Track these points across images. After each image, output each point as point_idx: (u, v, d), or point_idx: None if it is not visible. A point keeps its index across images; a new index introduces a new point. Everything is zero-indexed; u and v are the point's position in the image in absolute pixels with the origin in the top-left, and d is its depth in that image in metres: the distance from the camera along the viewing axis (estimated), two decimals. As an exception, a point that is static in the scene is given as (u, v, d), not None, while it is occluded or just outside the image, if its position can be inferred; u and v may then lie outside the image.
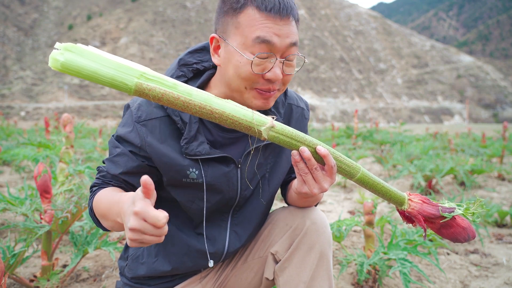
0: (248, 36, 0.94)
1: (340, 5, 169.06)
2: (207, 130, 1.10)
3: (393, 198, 0.95)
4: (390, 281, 1.95)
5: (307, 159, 0.89)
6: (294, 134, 0.89)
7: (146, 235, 0.73)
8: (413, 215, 0.94)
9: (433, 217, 0.92)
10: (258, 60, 0.95)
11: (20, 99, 78.62)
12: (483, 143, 7.84)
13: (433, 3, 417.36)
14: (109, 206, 0.93)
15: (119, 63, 0.77)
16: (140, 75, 0.78)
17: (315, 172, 0.91)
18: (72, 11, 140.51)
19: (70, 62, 0.73)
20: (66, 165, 2.46)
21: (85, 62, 0.74)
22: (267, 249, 1.20)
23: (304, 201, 1.15)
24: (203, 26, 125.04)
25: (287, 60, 0.99)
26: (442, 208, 0.92)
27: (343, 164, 0.92)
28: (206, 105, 0.81)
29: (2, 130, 9.53)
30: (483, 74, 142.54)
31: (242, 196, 1.14)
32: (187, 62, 1.11)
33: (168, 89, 0.79)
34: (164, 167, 1.05)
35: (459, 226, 0.92)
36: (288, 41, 0.96)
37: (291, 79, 1.04)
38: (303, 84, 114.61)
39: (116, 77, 0.76)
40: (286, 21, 0.96)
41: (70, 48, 0.74)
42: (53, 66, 0.74)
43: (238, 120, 0.84)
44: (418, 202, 0.94)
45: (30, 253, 2.06)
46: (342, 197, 4.23)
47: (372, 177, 0.94)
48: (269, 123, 0.86)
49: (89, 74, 0.75)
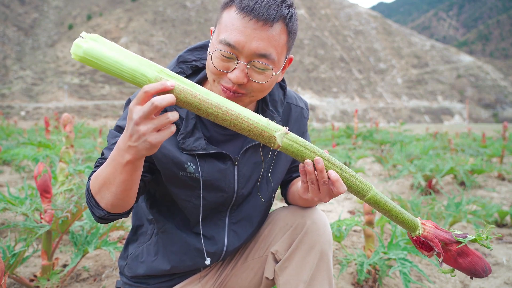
0: (219, 34, 0.96)
1: (340, 5, 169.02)
2: (204, 126, 1.10)
3: (406, 222, 0.92)
4: (390, 281, 1.95)
5: (319, 171, 0.89)
6: (307, 144, 0.88)
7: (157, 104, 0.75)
8: (429, 239, 0.90)
9: (448, 242, 0.89)
10: (219, 56, 0.95)
11: (20, 99, 78.60)
12: (483, 143, 7.84)
13: (433, 3, 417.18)
14: (106, 166, 0.90)
15: (141, 58, 0.80)
16: (161, 70, 0.81)
17: (322, 185, 0.91)
18: (72, 11, 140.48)
19: (93, 50, 0.75)
20: (66, 165, 2.46)
21: (109, 52, 0.76)
22: (267, 248, 1.20)
23: (305, 201, 1.16)
24: (203, 26, 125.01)
25: (255, 67, 0.96)
26: (455, 234, 0.89)
27: (353, 185, 0.90)
28: (223, 106, 0.81)
29: (2, 130, 9.52)
30: (483, 74, 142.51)
31: (240, 194, 1.14)
32: (186, 59, 1.12)
33: (187, 87, 0.80)
34: (163, 158, 1.04)
35: (475, 255, 0.88)
36: (253, 47, 0.92)
37: (263, 89, 1.00)
38: (303, 84, 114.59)
39: (138, 68, 0.78)
40: (261, 26, 0.92)
41: (95, 38, 0.77)
42: (74, 53, 0.75)
43: (253, 123, 0.83)
44: (432, 227, 0.91)
45: (30, 252, 2.06)
46: (342, 196, 4.23)
47: (384, 199, 0.91)
48: (284, 129, 0.86)
49: (110, 64, 0.76)
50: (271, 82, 1.00)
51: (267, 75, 0.97)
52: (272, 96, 1.16)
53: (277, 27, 0.94)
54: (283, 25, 0.95)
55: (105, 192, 0.92)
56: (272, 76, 0.98)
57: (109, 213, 0.96)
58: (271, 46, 0.94)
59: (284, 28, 0.96)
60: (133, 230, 1.27)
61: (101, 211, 0.95)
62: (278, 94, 1.18)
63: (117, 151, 0.86)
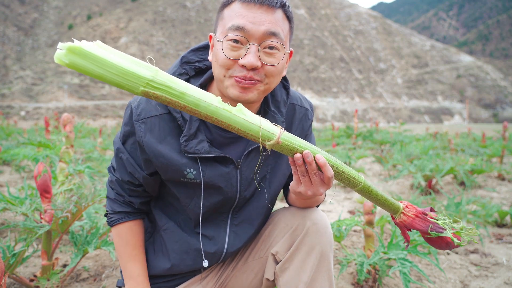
0: (225, 25, 0.98)
1: (340, 5, 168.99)
2: (207, 129, 1.10)
3: (390, 207, 0.97)
4: (390, 281, 1.95)
5: (309, 164, 0.89)
6: (299, 144, 0.89)
7: None
8: (400, 226, 0.98)
9: (421, 232, 0.96)
10: (230, 44, 0.96)
11: (20, 99, 78.58)
12: (483, 143, 7.83)
13: (433, 3, 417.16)
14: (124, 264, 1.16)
15: (124, 69, 0.74)
16: (146, 84, 0.76)
17: (313, 176, 0.92)
18: (72, 11, 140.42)
19: (74, 65, 0.73)
20: (66, 165, 2.45)
21: (90, 66, 0.73)
22: (268, 249, 1.20)
23: (303, 202, 1.15)
24: (203, 26, 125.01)
25: (266, 49, 0.98)
26: (433, 226, 0.94)
27: (345, 174, 0.92)
28: (212, 117, 0.81)
29: (2, 130, 9.52)
30: (483, 74, 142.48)
31: (242, 197, 1.14)
32: (190, 60, 1.12)
33: (174, 99, 0.78)
34: (162, 166, 1.05)
35: (442, 241, 0.95)
36: (263, 28, 0.96)
37: (277, 72, 1.01)
38: (303, 84, 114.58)
39: (122, 84, 0.75)
40: (266, 10, 0.97)
41: (73, 50, 0.72)
42: (60, 63, 0.74)
43: (243, 133, 0.84)
44: (410, 217, 0.96)
45: (30, 252, 2.06)
46: (342, 197, 4.23)
47: (373, 188, 0.96)
48: (275, 139, 0.85)
49: (96, 76, 0.74)
50: (282, 65, 1.03)
51: (278, 57, 1.00)
52: (274, 96, 1.15)
53: (279, 13, 0.99)
54: (283, 12, 1.00)
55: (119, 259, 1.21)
56: (283, 57, 1.01)
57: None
58: (279, 27, 0.99)
59: (285, 16, 1.01)
60: None
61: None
62: (281, 95, 1.16)
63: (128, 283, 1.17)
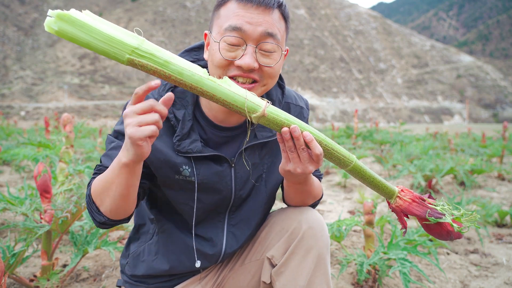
0: (222, 26, 0.97)
1: (340, 5, 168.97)
2: (201, 128, 1.10)
3: (384, 191, 0.94)
4: (390, 281, 1.95)
5: (296, 138, 0.89)
6: (286, 117, 0.89)
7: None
8: (396, 211, 0.94)
9: (419, 218, 0.91)
10: (227, 45, 0.96)
11: (20, 99, 78.58)
12: (483, 143, 7.83)
13: (433, 3, 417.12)
14: (107, 170, 0.93)
15: (111, 37, 0.76)
16: (132, 51, 0.77)
17: (301, 152, 0.91)
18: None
19: (63, 32, 0.74)
20: (66, 165, 2.46)
21: (78, 33, 0.75)
22: (263, 252, 1.19)
23: (298, 192, 1.12)
24: (203, 26, 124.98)
25: (262, 50, 0.98)
26: (431, 211, 0.90)
27: (335, 152, 0.91)
28: (197, 87, 0.81)
29: (2, 130, 9.52)
30: (483, 74, 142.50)
31: (237, 196, 1.13)
32: None
33: (159, 67, 0.79)
34: (157, 162, 1.04)
35: (443, 229, 0.90)
36: (260, 29, 0.96)
37: (274, 73, 1.01)
38: (303, 84, 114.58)
39: (108, 51, 0.76)
40: (263, 10, 0.96)
41: (63, 17, 0.74)
42: (50, 31, 0.75)
43: (228, 104, 0.84)
44: (407, 201, 0.92)
45: (30, 252, 2.06)
46: (342, 197, 4.23)
47: (365, 169, 0.94)
48: (261, 111, 0.85)
49: (83, 43, 0.75)
50: (279, 65, 1.02)
51: (274, 58, 1.00)
52: (270, 96, 1.16)
53: (276, 13, 0.99)
54: (280, 12, 1.00)
55: (105, 196, 0.93)
56: (280, 58, 1.00)
57: (109, 219, 0.97)
58: (275, 27, 0.99)
59: (282, 15, 1.01)
60: (135, 228, 1.27)
61: (102, 216, 0.97)
62: (276, 94, 1.17)
63: (117, 155, 0.89)
